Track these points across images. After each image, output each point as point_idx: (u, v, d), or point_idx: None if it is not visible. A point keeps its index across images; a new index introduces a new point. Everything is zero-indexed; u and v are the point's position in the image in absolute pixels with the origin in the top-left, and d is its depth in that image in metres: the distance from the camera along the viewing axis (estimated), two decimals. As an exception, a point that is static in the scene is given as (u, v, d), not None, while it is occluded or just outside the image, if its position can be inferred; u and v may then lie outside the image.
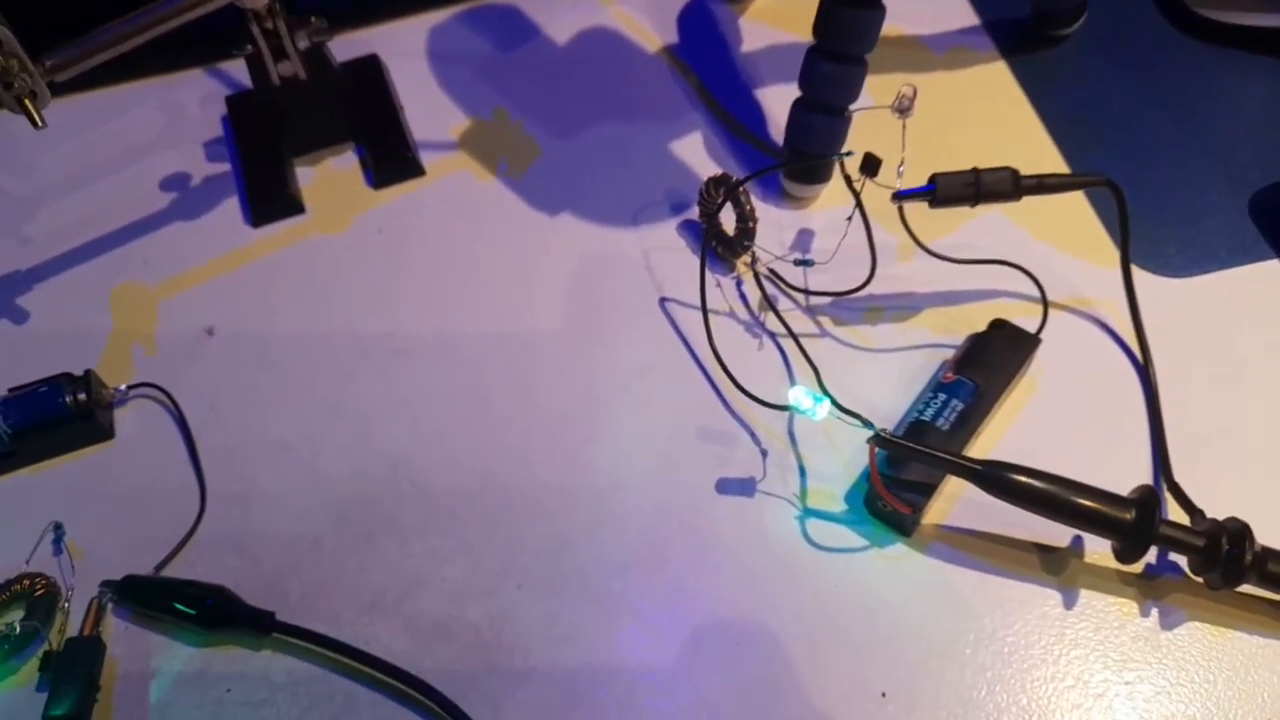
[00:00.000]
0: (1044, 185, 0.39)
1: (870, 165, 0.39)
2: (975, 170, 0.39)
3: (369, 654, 0.36)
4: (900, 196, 0.40)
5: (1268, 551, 0.34)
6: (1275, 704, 0.35)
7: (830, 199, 0.47)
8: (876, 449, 0.36)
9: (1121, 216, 0.41)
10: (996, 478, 0.35)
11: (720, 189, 0.45)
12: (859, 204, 0.40)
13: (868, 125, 0.44)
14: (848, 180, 0.40)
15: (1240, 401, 0.41)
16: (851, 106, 0.44)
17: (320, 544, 0.40)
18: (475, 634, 0.37)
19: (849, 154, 0.41)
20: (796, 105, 0.45)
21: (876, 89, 0.51)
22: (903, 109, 0.39)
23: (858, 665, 0.36)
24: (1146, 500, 0.34)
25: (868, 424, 0.37)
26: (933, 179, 0.39)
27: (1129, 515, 0.34)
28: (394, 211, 0.49)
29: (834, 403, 0.38)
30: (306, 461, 0.42)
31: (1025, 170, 0.48)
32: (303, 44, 0.44)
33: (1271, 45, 0.51)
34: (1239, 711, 0.35)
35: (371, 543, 0.40)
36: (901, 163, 0.40)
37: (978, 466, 0.35)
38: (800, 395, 0.37)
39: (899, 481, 0.38)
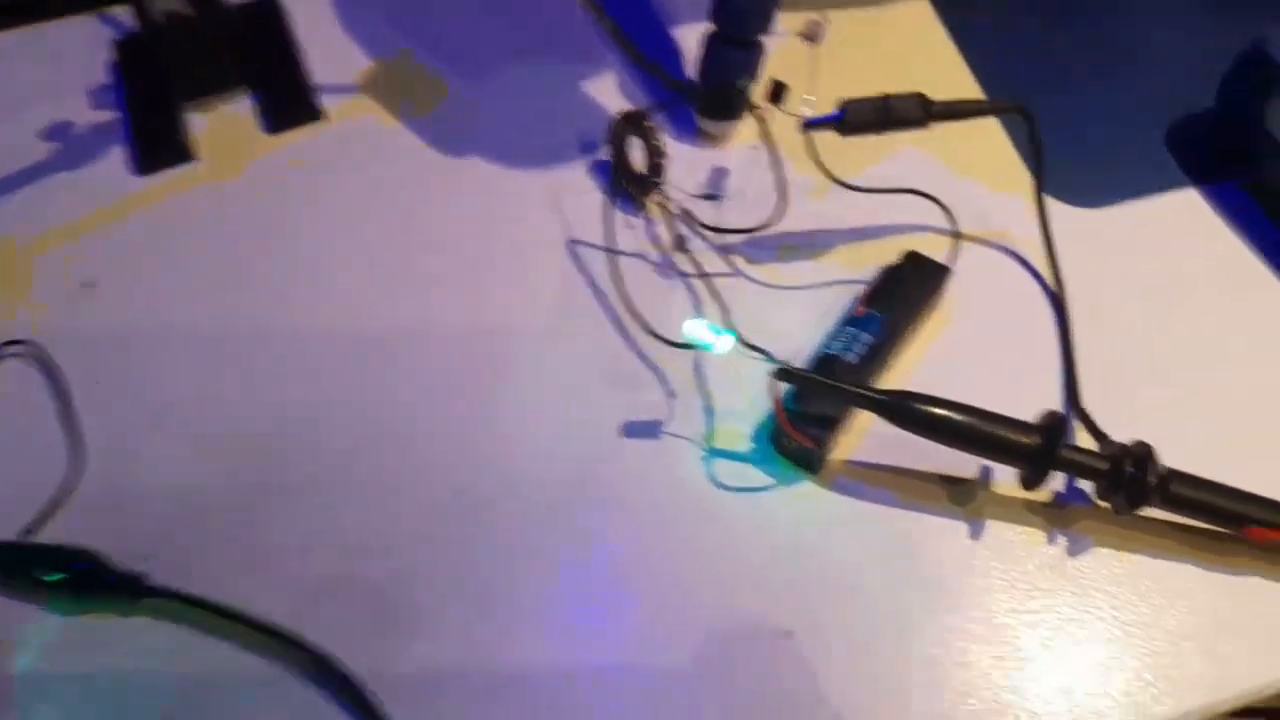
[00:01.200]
0: (954, 111, 0.38)
1: (776, 92, 0.37)
2: (885, 96, 0.38)
3: (250, 616, 0.34)
4: (809, 125, 0.39)
5: (1171, 473, 0.34)
6: (1180, 627, 0.34)
7: (747, 136, 0.46)
8: (781, 384, 0.35)
9: (1033, 143, 0.40)
10: (899, 406, 0.34)
11: (629, 123, 0.44)
12: (765, 133, 0.39)
13: (782, 59, 0.42)
14: (752, 109, 0.39)
15: (1152, 329, 0.41)
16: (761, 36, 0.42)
17: (205, 505, 0.38)
18: (370, 594, 0.36)
19: (750, 81, 0.40)
20: (707, 38, 0.43)
21: (792, 24, 0.50)
22: (812, 35, 0.38)
23: (763, 604, 0.35)
24: (1050, 425, 0.34)
25: (771, 358, 0.36)
26: (842, 106, 0.38)
27: (1032, 440, 0.33)
28: (291, 157, 0.47)
29: (737, 338, 0.37)
30: (191, 420, 0.40)
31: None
32: (181, -23, 0.42)
33: (1191, -24, 0.50)
34: (1145, 635, 0.34)
35: (260, 501, 0.38)
36: (811, 93, 0.38)
37: (880, 396, 0.34)
38: (698, 328, 0.36)
39: (805, 416, 0.36)
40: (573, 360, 0.41)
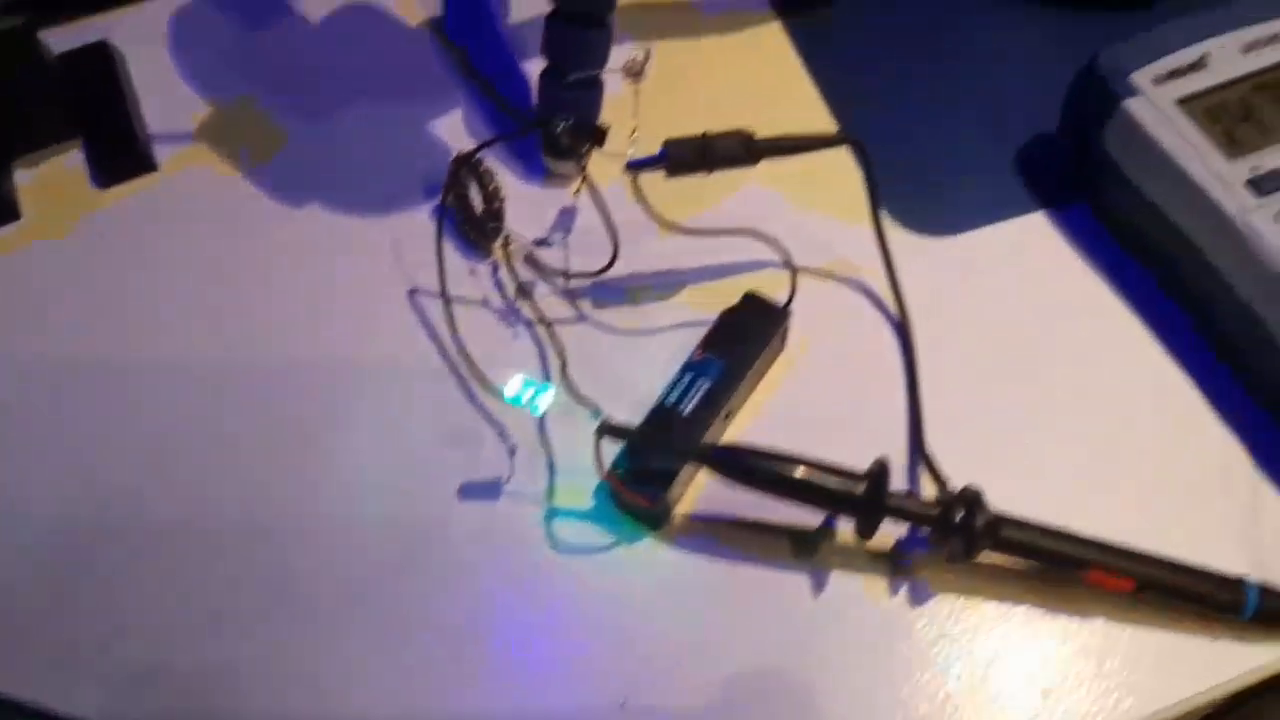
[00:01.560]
0: (779, 147, 0.37)
1: (596, 134, 0.36)
2: (705, 135, 0.37)
3: (56, 714, 0.32)
4: (632, 167, 0.38)
5: (1000, 519, 0.33)
6: (1022, 671, 0.34)
7: (600, 176, 0.45)
8: (608, 440, 0.34)
9: (867, 174, 0.39)
10: (721, 460, 0.33)
11: (464, 166, 0.42)
12: (584, 177, 0.38)
13: (635, 96, 0.41)
14: (567, 151, 0.38)
15: (998, 362, 0.40)
16: (595, 73, 0.41)
17: (13, 592, 0.36)
18: (185, 684, 0.34)
19: (567, 120, 0.38)
20: (543, 75, 0.42)
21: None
22: (634, 73, 0.37)
23: (600, 672, 0.34)
24: (876, 473, 0.33)
25: (597, 412, 0.35)
26: (664, 146, 0.37)
27: (859, 490, 0.33)
28: (123, 211, 0.45)
29: (573, 392, 0.36)
30: (8, 499, 0.38)
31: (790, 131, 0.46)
32: (-20, 34, 0.40)
33: (1042, -6, 0.50)
34: (986, 680, 0.34)
35: (72, 587, 0.36)
36: (634, 130, 0.37)
37: (703, 451, 0.33)
38: (516, 386, 0.35)
39: (642, 472, 0.35)
40: (410, 418, 0.39)
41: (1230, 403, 0.39)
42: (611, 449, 0.36)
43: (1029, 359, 0.40)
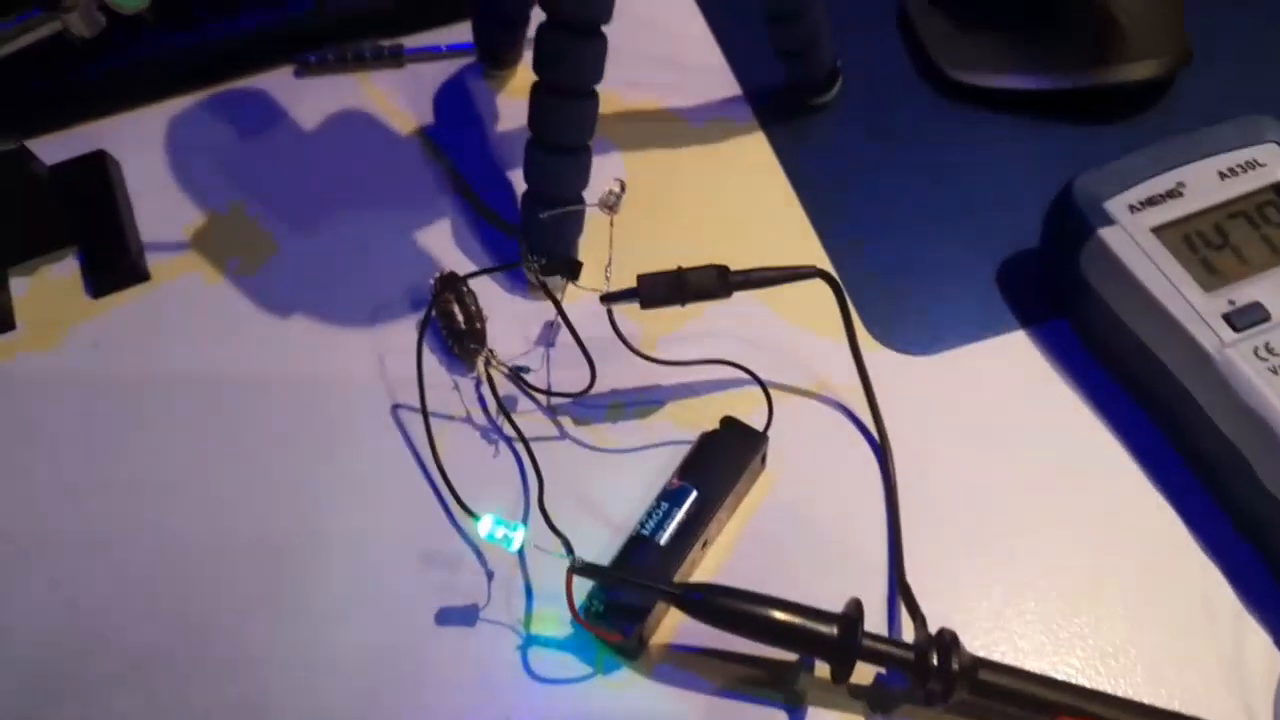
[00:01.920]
0: (752, 280, 0.38)
1: (570, 268, 0.37)
2: (679, 270, 0.38)
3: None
4: (605, 300, 0.38)
5: (978, 662, 0.33)
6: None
7: (579, 294, 0.45)
8: (578, 577, 0.34)
9: (841, 305, 0.40)
10: (690, 602, 0.33)
11: (446, 286, 0.43)
12: (560, 311, 0.38)
13: (610, 227, 0.41)
14: (543, 286, 0.38)
15: (980, 486, 0.40)
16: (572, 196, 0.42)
17: (-8, 712, 0.36)
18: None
19: (540, 261, 0.39)
20: (524, 198, 0.43)
21: (630, 163, 0.50)
22: (609, 205, 0.37)
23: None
24: (850, 615, 0.33)
25: (568, 549, 0.35)
26: (637, 280, 0.38)
27: (831, 632, 0.32)
28: (113, 322, 0.46)
29: (549, 523, 0.36)
30: (-6, 621, 0.38)
31: (771, 249, 0.47)
32: (-27, 157, 0.41)
33: (1022, 107, 0.50)
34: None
35: (53, 709, 0.36)
36: (609, 264, 0.38)
37: (674, 591, 0.33)
38: (490, 526, 0.35)
39: (615, 606, 0.35)
40: (388, 541, 0.39)
41: (1211, 528, 0.39)
42: (585, 582, 0.36)
43: (1008, 482, 0.40)
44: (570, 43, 0.37)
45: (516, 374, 0.43)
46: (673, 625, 0.37)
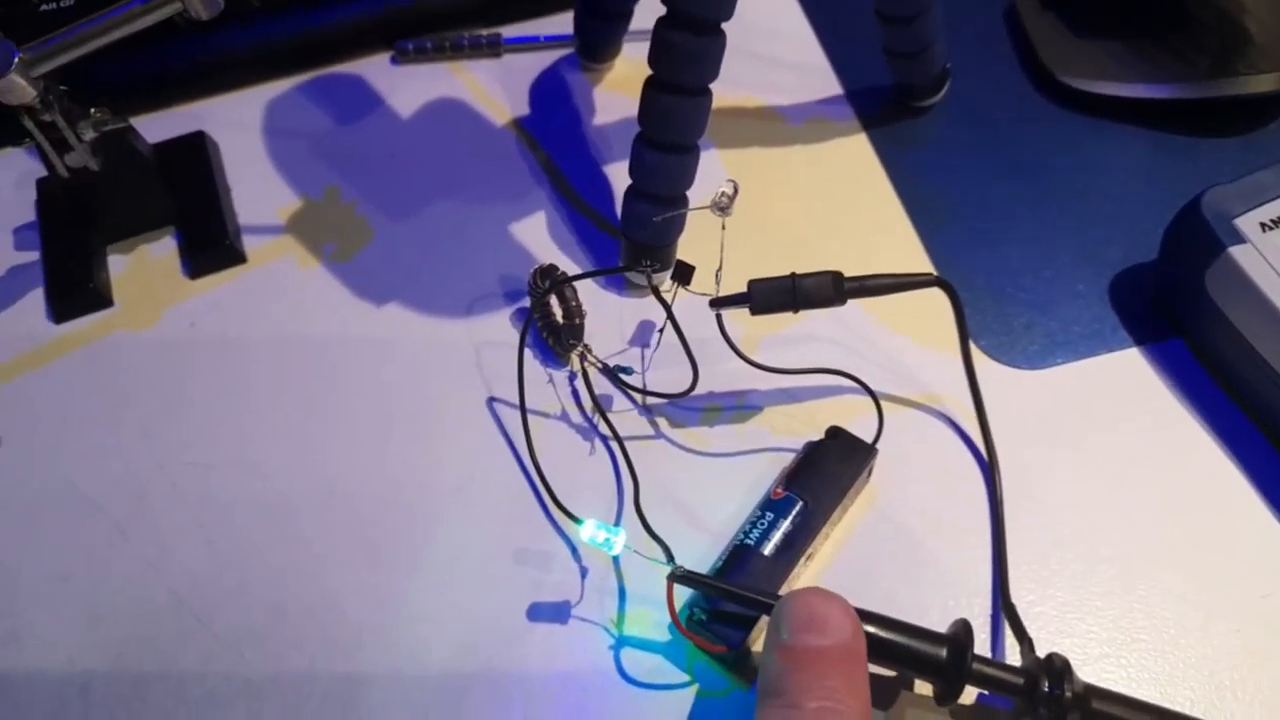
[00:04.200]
0: (868, 288, 0.37)
1: (682, 273, 0.36)
2: (793, 276, 0.37)
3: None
4: (715, 305, 0.37)
5: (1091, 689, 0.32)
6: None
7: (683, 293, 0.44)
8: (677, 585, 0.33)
9: (958, 315, 0.39)
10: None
11: (546, 281, 0.42)
12: (670, 315, 0.38)
13: (722, 230, 0.40)
14: (655, 291, 0.38)
15: (1090, 507, 0.39)
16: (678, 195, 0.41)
17: (89, 690, 0.36)
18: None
19: (651, 266, 0.38)
20: (627, 193, 0.42)
21: (731, 162, 0.49)
22: (721, 207, 0.37)
23: (668, 822, 0.33)
24: (959, 637, 0.32)
25: (668, 555, 0.34)
26: (749, 286, 0.37)
27: (940, 654, 0.31)
28: (209, 303, 0.46)
29: (646, 526, 0.36)
30: (86, 594, 0.38)
31: (874, 253, 0.46)
32: (88, 135, 0.41)
33: (1137, 115, 0.49)
34: None
35: (146, 687, 0.36)
36: (719, 268, 0.37)
37: (774, 604, 0.32)
38: (592, 531, 0.34)
39: (718, 615, 0.35)
40: (482, 535, 0.39)
41: (1336, 565, 0.37)
42: (684, 589, 0.35)
43: (1119, 506, 0.39)
44: (691, 39, 0.36)
45: (613, 371, 0.42)
46: (770, 636, 0.36)
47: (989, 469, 0.39)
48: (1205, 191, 0.40)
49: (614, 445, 0.41)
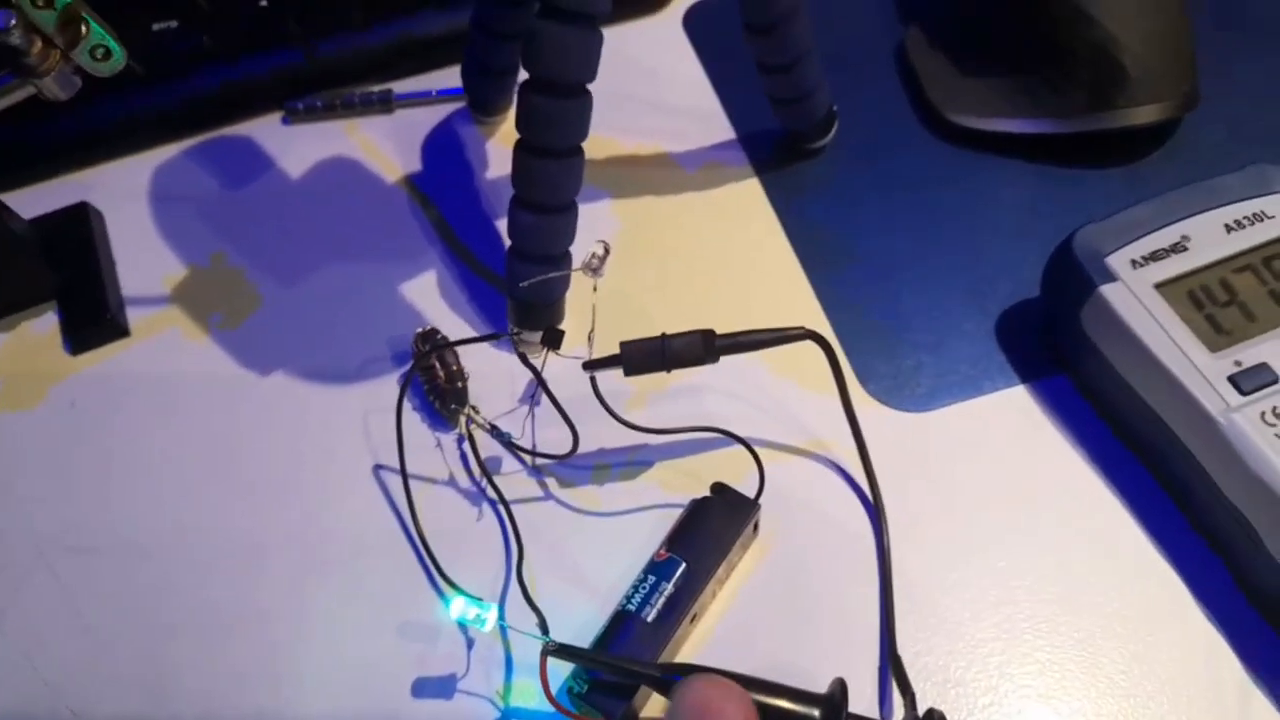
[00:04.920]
0: (740, 344, 0.37)
1: (552, 338, 0.36)
2: (663, 336, 0.36)
3: None
4: (588, 367, 0.37)
5: (971, 750, 0.31)
6: None
7: (571, 342, 0.44)
8: (551, 659, 0.32)
9: (833, 366, 0.39)
10: (674, 685, 0.31)
11: (427, 345, 0.42)
12: (540, 381, 0.37)
13: (593, 291, 0.40)
14: (523, 359, 0.37)
15: (977, 550, 0.39)
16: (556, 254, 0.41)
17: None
18: None
19: (518, 333, 0.38)
20: (508, 253, 0.42)
21: (622, 210, 0.49)
22: (593, 269, 0.36)
23: None
24: (834, 698, 0.31)
25: (544, 628, 0.33)
26: (621, 348, 0.36)
27: (815, 714, 0.31)
28: (92, 380, 0.45)
29: (526, 596, 0.35)
30: (-44, 687, 0.37)
31: (765, 299, 0.46)
32: (-52, 217, 0.40)
33: (1024, 150, 0.49)
34: None
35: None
36: (591, 330, 0.37)
37: (655, 674, 0.32)
38: (461, 609, 0.34)
39: (598, 685, 0.34)
40: (366, 609, 0.38)
41: (1217, 597, 0.37)
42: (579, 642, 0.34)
43: (1007, 546, 0.39)
44: (554, 102, 0.36)
45: (499, 434, 0.42)
46: (662, 700, 0.36)
47: (876, 516, 0.39)
48: (1078, 230, 0.40)
49: (501, 510, 0.40)
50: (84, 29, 0.36)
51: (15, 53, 0.35)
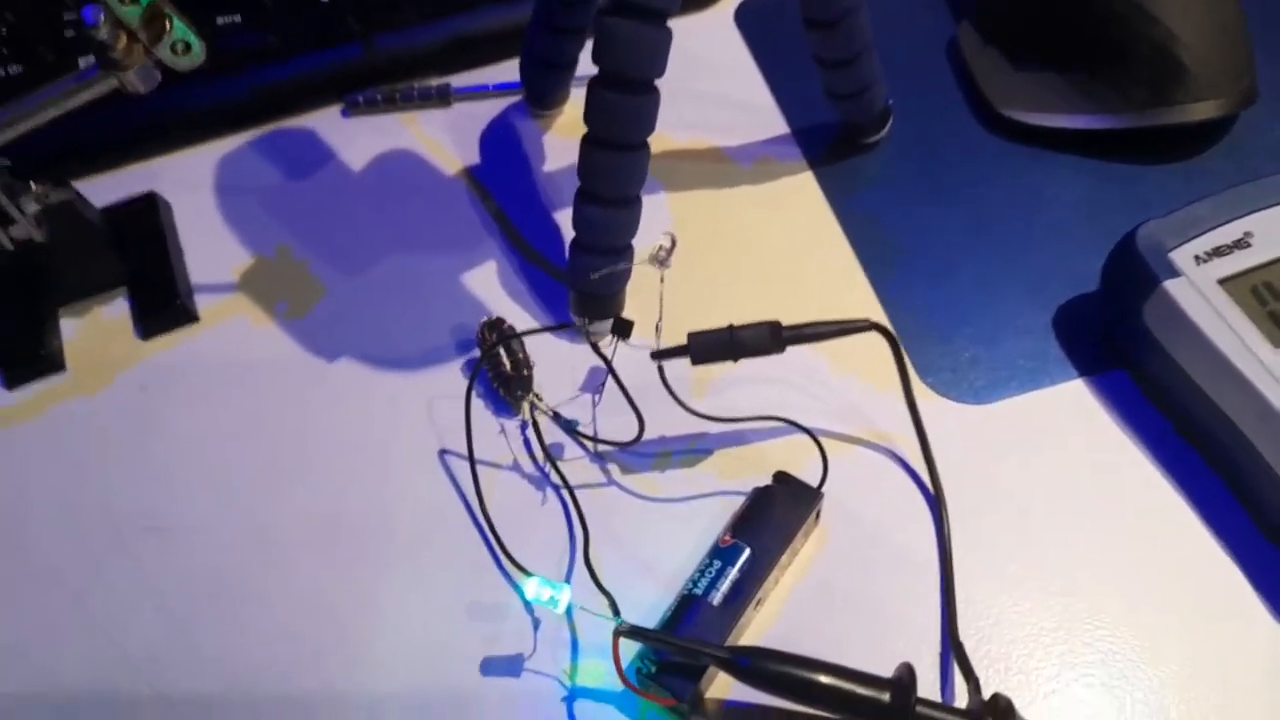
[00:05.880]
0: (805, 336, 0.37)
1: (622, 328, 0.36)
2: (731, 327, 0.37)
3: None
4: (656, 357, 0.38)
5: (1040, 735, 0.32)
6: None
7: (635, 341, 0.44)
8: (623, 639, 0.33)
9: (896, 357, 0.39)
10: (743, 667, 0.32)
11: (494, 334, 0.43)
12: (611, 370, 0.38)
13: (661, 283, 0.40)
14: (594, 348, 0.38)
15: (1037, 541, 0.39)
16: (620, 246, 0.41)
17: (41, 765, 0.36)
18: None
19: (584, 324, 0.39)
20: (571, 246, 0.42)
21: (678, 205, 0.50)
22: (660, 260, 0.37)
23: None
24: (903, 681, 0.32)
25: (614, 609, 0.34)
26: (688, 339, 0.37)
27: (884, 699, 0.32)
28: (161, 365, 0.46)
29: (595, 579, 0.36)
30: (43, 668, 0.38)
31: (823, 293, 0.46)
32: (30, 209, 0.41)
33: (1079, 147, 0.49)
34: None
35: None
36: (659, 319, 0.37)
37: (722, 654, 0.32)
38: (536, 590, 0.34)
39: (667, 666, 0.35)
40: (435, 590, 0.39)
41: (1278, 590, 0.38)
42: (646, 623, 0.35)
43: (1065, 538, 0.39)
44: (624, 98, 0.37)
45: (563, 421, 0.42)
46: (728, 681, 0.36)
47: (936, 506, 0.40)
48: (1140, 225, 0.41)
49: (565, 495, 0.41)
50: (167, 24, 0.37)
51: (102, 47, 0.36)
